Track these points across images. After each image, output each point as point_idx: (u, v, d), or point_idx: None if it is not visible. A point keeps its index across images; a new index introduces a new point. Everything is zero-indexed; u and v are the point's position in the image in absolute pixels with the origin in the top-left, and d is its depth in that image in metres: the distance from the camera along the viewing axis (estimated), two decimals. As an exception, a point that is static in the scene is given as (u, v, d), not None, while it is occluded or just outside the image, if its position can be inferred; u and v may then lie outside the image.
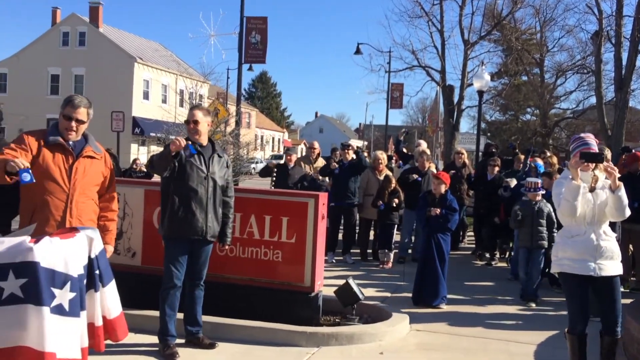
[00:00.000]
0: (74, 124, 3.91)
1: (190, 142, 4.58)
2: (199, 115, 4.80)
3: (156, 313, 4.87)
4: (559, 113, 32.50)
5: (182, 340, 4.93)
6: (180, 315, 4.93)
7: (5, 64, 42.25)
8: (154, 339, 4.84)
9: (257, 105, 70.57)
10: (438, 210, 6.76)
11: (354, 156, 9.28)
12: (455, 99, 21.55)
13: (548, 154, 10.80)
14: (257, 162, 34.75)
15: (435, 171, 9.14)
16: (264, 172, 10.32)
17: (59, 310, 2.62)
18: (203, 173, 4.73)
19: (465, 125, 58.23)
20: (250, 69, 33.19)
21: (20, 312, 2.55)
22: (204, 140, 4.86)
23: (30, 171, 3.44)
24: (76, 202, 3.88)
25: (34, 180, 3.48)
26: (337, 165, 9.18)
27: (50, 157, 3.85)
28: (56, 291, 2.62)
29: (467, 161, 10.69)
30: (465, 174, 10.19)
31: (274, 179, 9.82)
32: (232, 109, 14.97)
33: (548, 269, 7.64)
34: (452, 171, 9.71)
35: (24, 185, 3.80)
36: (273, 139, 69.39)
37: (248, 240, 5.69)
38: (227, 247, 5.11)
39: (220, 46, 22.09)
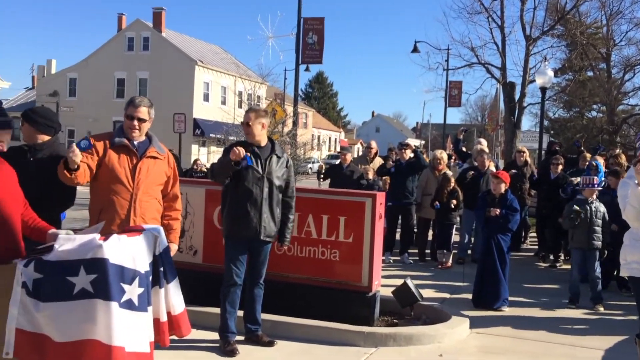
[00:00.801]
0: (136, 122, 4.06)
1: (248, 154, 4.65)
2: (252, 117, 4.86)
3: (217, 310, 4.98)
4: (627, 109, 31.06)
5: (242, 338, 5.02)
6: (240, 313, 5.02)
7: (75, 69, 44.16)
8: (215, 335, 4.95)
9: (313, 106, 70.96)
10: (497, 211, 6.60)
11: (412, 155, 9.18)
12: (517, 96, 20.96)
13: (617, 151, 10.36)
14: (313, 162, 34.92)
15: (494, 170, 8.94)
16: (319, 176, 10.41)
17: (128, 305, 2.72)
18: (258, 174, 4.77)
19: (527, 123, 56.50)
20: (307, 69, 33.43)
21: (90, 306, 2.66)
22: (262, 140, 4.90)
23: (89, 139, 3.74)
24: (140, 201, 4.01)
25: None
26: (392, 164, 9.12)
27: (116, 158, 4.00)
28: (126, 286, 2.72)
29: (529, 160, 10.40)
30: (527, 173, 9.92)
31: (322, 177, 9.88)
32: (290, 109, 15.12)
33: (616, 272, 7.33)
34: (513, 170, 9.47)
35: (92, 185, 3.98)
36: (330, 138, 69.55)
37: (306, 240, 5.74)
38: (284, 247, 5.14)
39: (277, 48, 22.32)
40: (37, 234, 3.07)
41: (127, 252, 2.76)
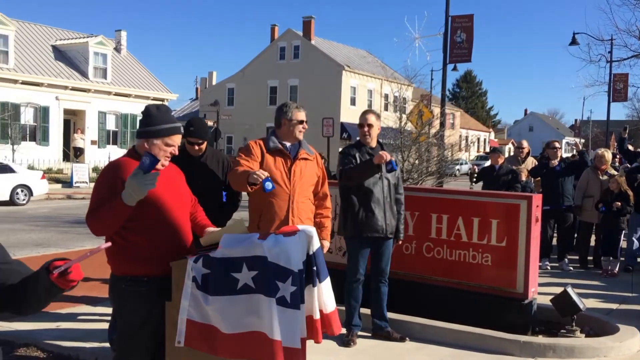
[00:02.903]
0: (305, 125, 4.34)
1: (393, 158, 4.73)
2: (372, 119, 5.03)
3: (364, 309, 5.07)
4: None
5: (368, 334, 5.17)
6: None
7: (233, 79, 47.31)
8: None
9: (461, 106, 69.08)
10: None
11: (569, 155, 8.56)
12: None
13: None
14: (461, 164, 33.95)
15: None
16: (471, 179, 10.08)
17: (282, 302, 2.86)
18: (378, 174, 4.91)
19: None
20: (454, 68, 32.67)
21: (253, 301, 2.84)
22: (374, 142, 5.10)
23: (270, 179, 3.90)
24: (296, 202, 4.23)
25: (275, 187, 3.98)
26: (556, 163, 8.57)
27: (272, 161, 4.23)
28: (280, 284, 2.86)
29: None
30: None
31: (475, 180, 9.53)
32: (436, 110, 14.86)
33: None
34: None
35: (253, 191, 4.24)
36: (478, 139, 67.18)
37: (455, 243, 5.60)
38: (399, 242, 5.30)
39: (424, 48, 22.11)
40: (200, 231, 3.34)
41: (283, 251, 2.90)
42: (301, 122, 4.33)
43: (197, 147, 4.48)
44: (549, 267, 8.44)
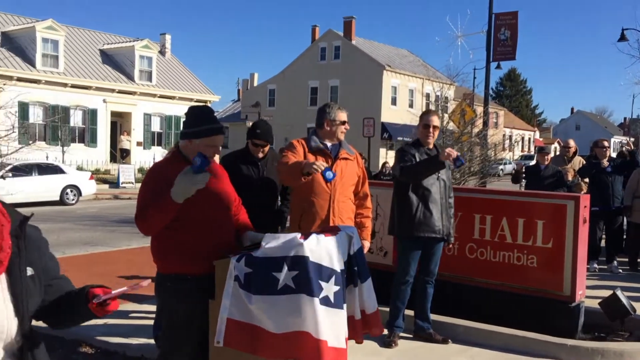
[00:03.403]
0: (347, 125, 4.37)
1: (459, 154, 4.72)
2: (436, 120, 5.05)
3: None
4: None
5: (409, 335, 5.12)
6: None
7: (274, 80, 47.67)
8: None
9: (505, 104, 67.76)
10: None
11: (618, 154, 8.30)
12: None
13: None
14: (505, 163, 33.31)
15: None
16: (515, 178, 9.85)
17: (326, 301, 2.85)
18: (435, 175, 4.90)
19: None
20: (498, 67, 32.01)
21: (295, 300, 2.83)
22: (432, 143, 5.09)
23: (331, 169, 3.95)
24: (337, 202, 4.24)
25: (336, 176, 4.05)
26: (607, 164, 8.32)
27: (313, 160, 4.24)
28: (323, 284, 2.86)
29: None
30: None
31: (523, 180, 9.30)
32: (479, 109, 14.63)
33: None
34: None
35: (296, 189, 4.27)
36: (523, 138, 65.74)
37: (499, 244, 5.50)
38: (450, 245, 5.29)
39: (467, 46, 21.85)
40: (241, 229, 3.38)
41: (325, 251, 2.90)
42: (343, 122, 4.35)
43: (261, 150, 4.54)
44: (597, 270, 8.20)
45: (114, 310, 1.81)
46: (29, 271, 1.74)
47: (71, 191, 17.97)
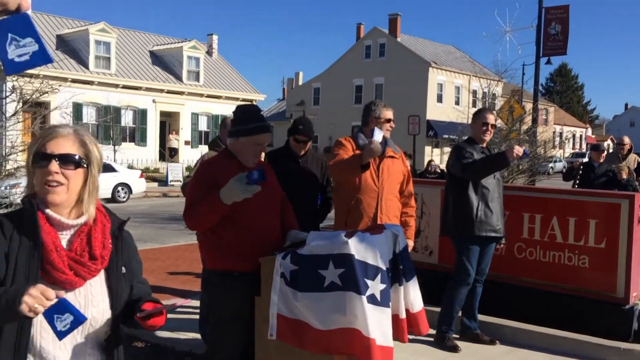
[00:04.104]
0: (392, 123, 4.36)
1: (527, 149, 4.73)
2: (494, 119, 4.99)
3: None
4: None
5: (455, 335, 5.01)
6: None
7: (319, 79, 47.78)
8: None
9: (555, 101, 65.94)
10: None
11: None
12: None
13: None
14: (555, 161, 32.41)
15: None
16: (568, 175, 9.55)
17: (372, 299, 2.84)
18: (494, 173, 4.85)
19: None
20: (548, 62, 31.21)
21: (342, 298, 2.83)
22: (487, 141, 5.04)
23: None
24: (385, 200, 4.23)
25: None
26: None
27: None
28: (369, 282, 2.85)
29: None
30: None
31: (578, 180, 9.02)
32: (528, 106, 14.31)
33: None
34: None
35: (342, 186, 4.27)
36: (574, 135, 63.88)
37: (549, 244, 5.37)
38: (501, 246, 5.27)
39: (515, 42, 21.35)
40: (285, 227, 3.40)
41: (370, 249, 2.89)
42: (388, 120, 4.34)
43: (304, 146, 4.54)
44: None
45: (160, 325, 1.87)
46: (123, 270, 1.88)
47: (122, 189, 18.49)
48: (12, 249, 1.68)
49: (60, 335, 1.59)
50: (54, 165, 1.72)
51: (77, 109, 25.48)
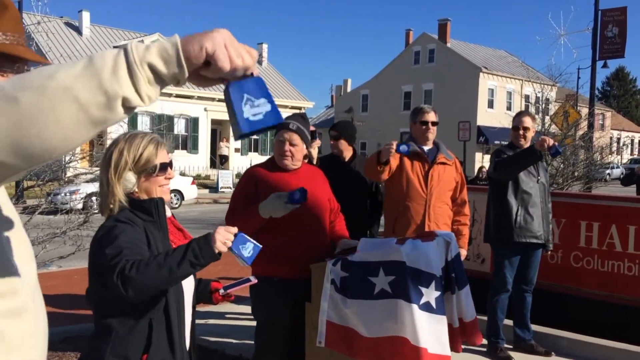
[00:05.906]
0: (430, 126, 4.28)
1: (555, 143, 4.51)
2: (527, 121, 4.83)
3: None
4: None
5: (509, 346, 4.88)
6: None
7: (367, 86, 47.70)
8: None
9: (612, 105, 63.70)
10: None
11: None
12: None
13: None
14: (612, 168, 31.26)
15: None
16: (628, 180, 9.21)
17: (427, 307, 2.80)
18: (534, 177, 4.71)
19: None
20: (604, 65, 30.27)
21: (392, 306, 2.81)
22: (527, 145, 4.82)
23: (405, 142, 4.01)
24: (433, 207, 4.16)
25: (411, 149, 4.02)
26: None
27: (409, 165, 4.19)
28: (423, 289, 2.81)
29: None
30: None
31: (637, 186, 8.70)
32: (584, 111, 13.90)
33: None
34: None
35: (387, 192, 4.25)
36: (632, 141, 61.49)
37: (608, 253, 5.19)
38: (548, 253, 5.09)
39: (570, 45, 20.77)
40: (335, 237, 3.40)
41: (422, 256, 2.86)
42: (425, 122, 4.26)
43: (336, 143, 4.54)
44: None
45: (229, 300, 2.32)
46: None
47: (174, 195, 18.90)
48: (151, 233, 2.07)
49: (249, 260, 1.94)
50: (171, 173, 2.18)
51: (133, 117, 26.26)
